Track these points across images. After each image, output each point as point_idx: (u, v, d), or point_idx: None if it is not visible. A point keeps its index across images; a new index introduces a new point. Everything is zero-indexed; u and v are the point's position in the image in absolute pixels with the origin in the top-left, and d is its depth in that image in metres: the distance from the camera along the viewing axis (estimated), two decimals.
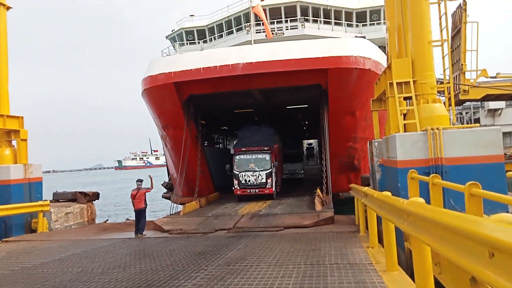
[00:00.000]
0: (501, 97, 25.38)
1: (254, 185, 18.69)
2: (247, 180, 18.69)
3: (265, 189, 18.64)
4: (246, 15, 27.74)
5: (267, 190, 18.66)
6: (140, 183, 13.20)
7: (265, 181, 18.69)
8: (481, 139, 8.89)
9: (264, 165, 18.89)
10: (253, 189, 18.68)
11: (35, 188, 15.66)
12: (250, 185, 18.73)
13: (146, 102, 20.18)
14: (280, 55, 16.59)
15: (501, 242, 2.25)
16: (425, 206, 4.38)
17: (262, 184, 18.65)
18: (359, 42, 18.22)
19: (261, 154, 19.19)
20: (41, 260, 9.60)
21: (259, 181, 18.65)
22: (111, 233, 14.01)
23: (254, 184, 18.70)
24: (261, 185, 18.63)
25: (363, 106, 17.36)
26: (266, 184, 18.67)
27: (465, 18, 21.76)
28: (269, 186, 18.68)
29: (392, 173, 9.78)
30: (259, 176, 18.65)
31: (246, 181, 18.71)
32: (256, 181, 18.68)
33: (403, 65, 10.67)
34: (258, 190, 18.62)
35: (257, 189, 18.63)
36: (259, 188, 18.62)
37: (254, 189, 18.67)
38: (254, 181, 18.69)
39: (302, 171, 30.46)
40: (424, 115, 10.04)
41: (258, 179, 18.65)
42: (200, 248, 10.05)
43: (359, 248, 8.85)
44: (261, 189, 18.62)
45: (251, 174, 18.72)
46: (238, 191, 18.91)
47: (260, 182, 18.65)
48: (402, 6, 11.03)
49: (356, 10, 29.00)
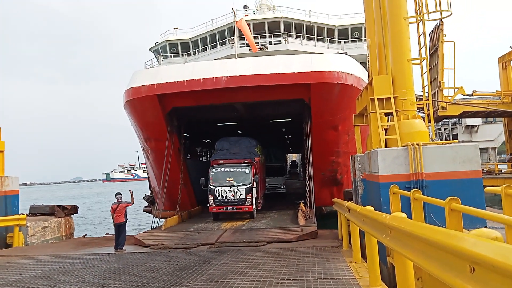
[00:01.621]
0: (477, 114, 26.20)
1: (232, 201, 16.88)
2: (224, 196, 16.90)
3: (243, 206, 16.84)
4: (230, 29, 28.01)
5: (246, 208, 16.89)
6: (120, 196, 12.97)
7: (244, 198, 16.86)
8: (460, 155, 9.11)
9: (243, 179, 17.25)
10: (230, 206, 16.81)
11: (11, 201, 15.21)
12: (227, 202, 16.89)
13: (128, 114, 19.98)
14: (264, 69, 16.75)
15: (482, 256, 2.30)
16: (407, 221, 4.44)
17: (240, 200, 16.87)
18: (341, 58, 18.57)
19: (240, 167, 17.62)
20: (16, 277, 9.26)
21: (237, 197, 16.88)
22: (90, 248, 13.65)
23: (231, 200, 16.89)
24: (239, 201, 16.87)
25: (345, 121, 17.62)
26: (245, 201, 16.85)
27: (442, 37, 22.55)
28: (249, 203, 16.92)
29: (374, 188, 9.90)
30: (237, 192, 16.89)
31: (222, 197, 16.90)
32: (234, 197, 16.89)
33: (384, 81, 10.92)
34: (236, 207, 16.82)
35: (235, 206, 16.82)
36: (237, 205, 16.85)
37: (232, 206, 16.82)
38: (232, 197, 16.87)
39: (284, 186, 28.74)
40: (404, 131, 10.25)
41: (236, 195, 16.88)
42: (182, 263, 9.89)
43: (342, 263, 8.87)
44: (240, 206, 16.85)
45: (229, 189, 16.94)
46: (214, 208, 17.00)
47: (239, 198, 16.87)
48: (382, 25, 11.36)
49: (338, 27, 29.65)
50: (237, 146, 19.24)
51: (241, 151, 18.89)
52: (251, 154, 18.86)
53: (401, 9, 10.92)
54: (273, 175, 27.74)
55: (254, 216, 17.13)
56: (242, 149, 19.03)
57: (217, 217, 17.29)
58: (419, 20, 11.24)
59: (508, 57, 25.78)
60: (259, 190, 18.43)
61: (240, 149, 19.02)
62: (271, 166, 27.59)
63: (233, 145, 19.33)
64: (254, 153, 19.17)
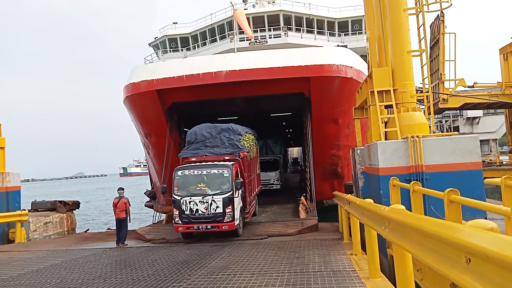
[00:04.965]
0: (479, 105, 26.08)
1: (205, 217, 12.10)
2: (194, 209, 12.13)
3: (221, 224, 12.02)
4: (230, 23, 27.86)
5: (225, 226, 12.04)
6: (121, 191, 13.03)
7: (221, 211, 12.06)
8: (459, 147, 9.10)
9: (220, 185, 12.49)
10: (203, 224, 12.07)
11: (13, 197, 15.28)
12: (199, 218, 12.11)
13: (128, 109, 19.97)
14: (263, 63, 16.69)
15: (477, 247, 2.30)
16: (405, 213, 4.45)
17: (217, 215, 12.06)
18: (341, 51, 18.49)
19: (217, 168, 12.78)
20: (18, 272, 9.33)
21: (212, 212, 12.10)
22: (91, 243, 13.75)
23: (204, 216, 12.12)
24: (215, 217, 12.05)
25: (345, 114, 17.58)
26: (223, 216, 12.05)
27: (443, 29, 22.39)
28: (229, 219, 12.09)
29: (374, 180, 9.90)
30: (211, 204, 12.13)
31: (191, 212, 12.14)
32: (208, 211, 12.11)
33: (383, 74, 10.88)
34: (210, 225, 12.04)
35: (209, 224, 12.05)
36: (213, 222, 12.04)
37: (205, 223, 12.06)
38: (205, 211, 12.12)
39: (278, 182, 25.14)
40: (404, 123, 10.23)
41: (210, 208, 12.11)
42: (183, 257, 9.94)
43: (343, 256, 8.91)
44: (216, 223, 12.04)
45: (200, 201, 12.19)
46: (180, 226, 12.21)
47: (214, 212, 12.08)
48: (382, 17, 11.29)
49: (338, 19, 29.48)
50: (215, 136, 14.52)
51: (221, 143, 14.42)
52: (234, 148, 14.29)
53: (400, 1, 10.84)
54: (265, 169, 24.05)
55: (239, 234, 12.70)
56: (223, 141, 14.46)
57: (188, 237, 12.81)
58: (419, 11, 11.18)
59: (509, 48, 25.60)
60: (247, 195, 14.03)
61: (219, 141, 14.46)
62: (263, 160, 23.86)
63: (210, 135, 14.54)
64: (239, 146, 14.41)
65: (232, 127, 14.72)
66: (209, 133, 14.52)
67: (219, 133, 14.52)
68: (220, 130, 14.60)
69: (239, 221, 12.78)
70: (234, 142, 14.43)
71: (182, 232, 12.54)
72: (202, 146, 14.36)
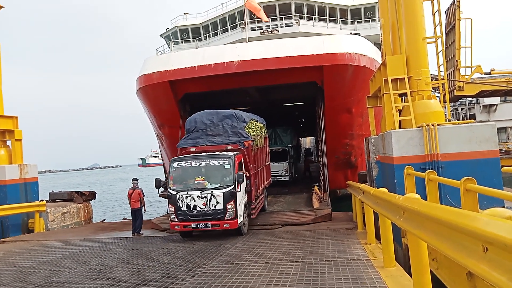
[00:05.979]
0: (496, 93, 25.55)
1: (204, 214, 10.99)
2: (191, 206, 11.05)
3: (222, 222, 10.90)
4: (241, 13, 27.71)
5: (226, 224, 10.91)
6: (136, 181, 13.20)
7: (222, 208, 10.93)
8: (476, 135, 8.96)
9: (221, 178, 11.32)
10: (201, 222, 10.97)
11: (31, 188, 15.63)
12: (197, 215, 11.01)
13: (141, 101, 20.14)
14: (275, 52, 16.57)
15: (495, 236, 2.28)
16: (420, 202, 4.41)
17: (217, 212, 10.93)
18: (353, 39, 18.24)
19: (217, 160, 11.58)
20: (38, 260, 9.59)
21: (211, 208, 10.97)
22: (108, 232, 14.01)
23: (202, 212, 11.00)
24: (215, 214, 10.93)
25: (359, 103, 17.41)
26: (224, 213, 10.92)
27: (458, 15, 21.89)
28: (230, 217, 10.93)
29: (389, 170, 9.83)
30: (211, 199, 11.03)
31: (189, 208, 11.05)
32: (207, 207, 11.00)
33: (397, 61, 10.72)
34: (210, 223, 10.94)
35: (209, 222, 10.94)
36: (212, 219, 10.94)
37: (204, 221, 10.96)
38: (203, 208, 11.00)
39: (287, 173, 23.64)
40: (419, 112, 10.10)
41: (209, 204, 11.00)
42: (197, 246, 10.07)
43: (357, 245, 8.90)
44: (216, 221, 10.93)
45: (198, 196, 11.07)
46: (176, 224, 11.16)
47: (214, 209, 10.95)
48: (396, 3, 11.08)
49: (350, 7, 29.04)
50: (217, 124, 13.17)
51: (223, 132, 13.08)
52: (237, 136, 12.87)
53: None
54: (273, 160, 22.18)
55: (243, 233, 11.49)
56: (225, 129, 13.10)
57: (187, 235, 11.62)
58: None
59: None
60: (252, 189, 12.74)
61: (222, 129, 13.13)
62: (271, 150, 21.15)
63: (211, 122, 13.19)
64: (243, 134, 12.95)
65: (235, 113, 13.32)
66: (210, 121, 13.14)
67: (221, 120, 13.11)
68: (222, 117, 13.17)
69: (243, 218, 11.55)
70: (237, 130, 12.94)
71: (180, 231, 11.43)
72: (202, 135, 13.05)
